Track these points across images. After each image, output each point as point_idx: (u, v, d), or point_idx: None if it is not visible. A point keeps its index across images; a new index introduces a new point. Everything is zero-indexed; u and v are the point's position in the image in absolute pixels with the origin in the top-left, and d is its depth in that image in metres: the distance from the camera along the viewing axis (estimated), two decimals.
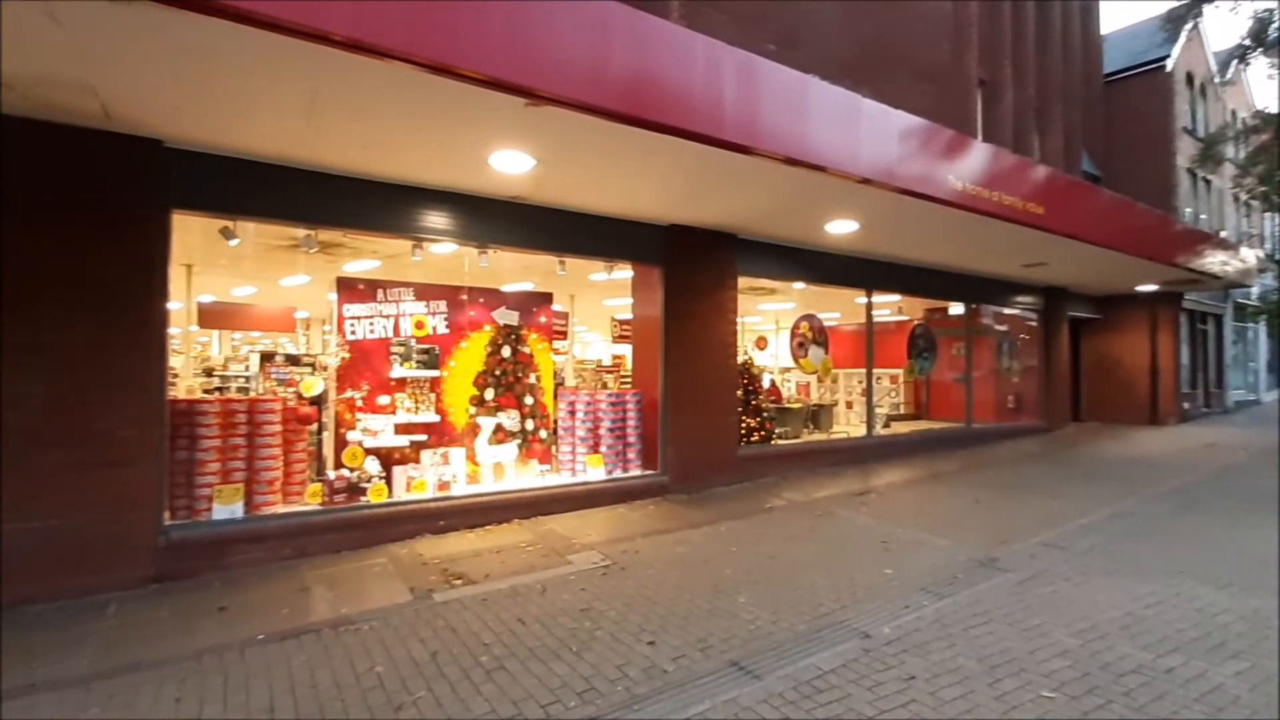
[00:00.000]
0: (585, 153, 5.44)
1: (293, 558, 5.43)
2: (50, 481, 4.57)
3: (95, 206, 4.78)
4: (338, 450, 6.28)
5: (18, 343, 4.52)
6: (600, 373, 15.86)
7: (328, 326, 15.80)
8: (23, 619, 4.28)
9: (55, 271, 4.64)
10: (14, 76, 3.97)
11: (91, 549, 4.66)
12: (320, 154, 5.37)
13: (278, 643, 3.93)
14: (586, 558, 5.52)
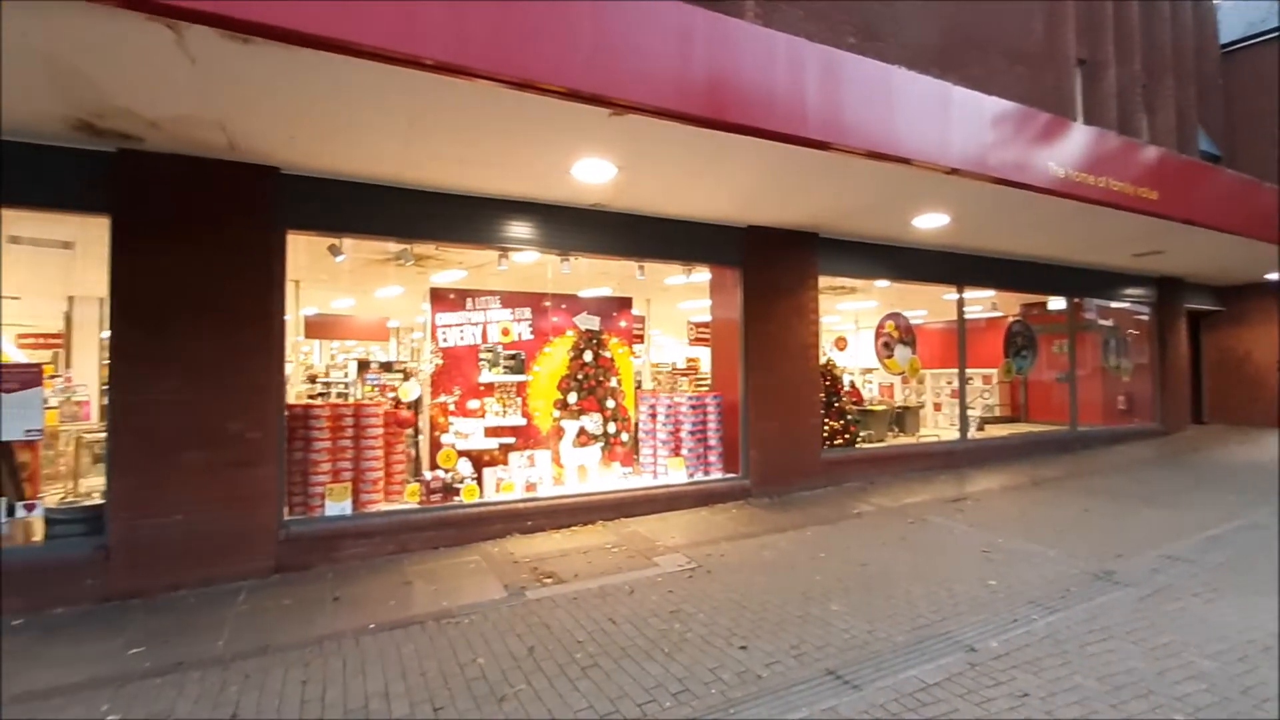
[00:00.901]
0: (666, 158, 5.50)
1: (395, 553, 5.75)
2: (190, 480, 5.05)
3: (223, 230, 5.27)
4: (433, 452, 6.62)
5: (159, 354, 5.04)
6: (675, 375, 15.89)
7: (416, 334, 16.69)
8: (171, 604, 4.76)
9: (191, 289, 5.14)
10: (160, 118, 4.44)
11: (224, 542, 5.13)
12: (416, 173, 5.69)
13: (387, 632, 4.18)
14: (672, 560, 5.55)
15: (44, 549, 4.91)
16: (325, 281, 10.24)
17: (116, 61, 3.71)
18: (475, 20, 3.87)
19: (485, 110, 4.49)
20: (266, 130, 4.77)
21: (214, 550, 5.09)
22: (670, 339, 20.72)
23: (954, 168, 5.98)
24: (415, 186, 5.97)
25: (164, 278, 5.07)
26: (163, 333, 5.03)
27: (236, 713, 3.25)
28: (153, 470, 4.97)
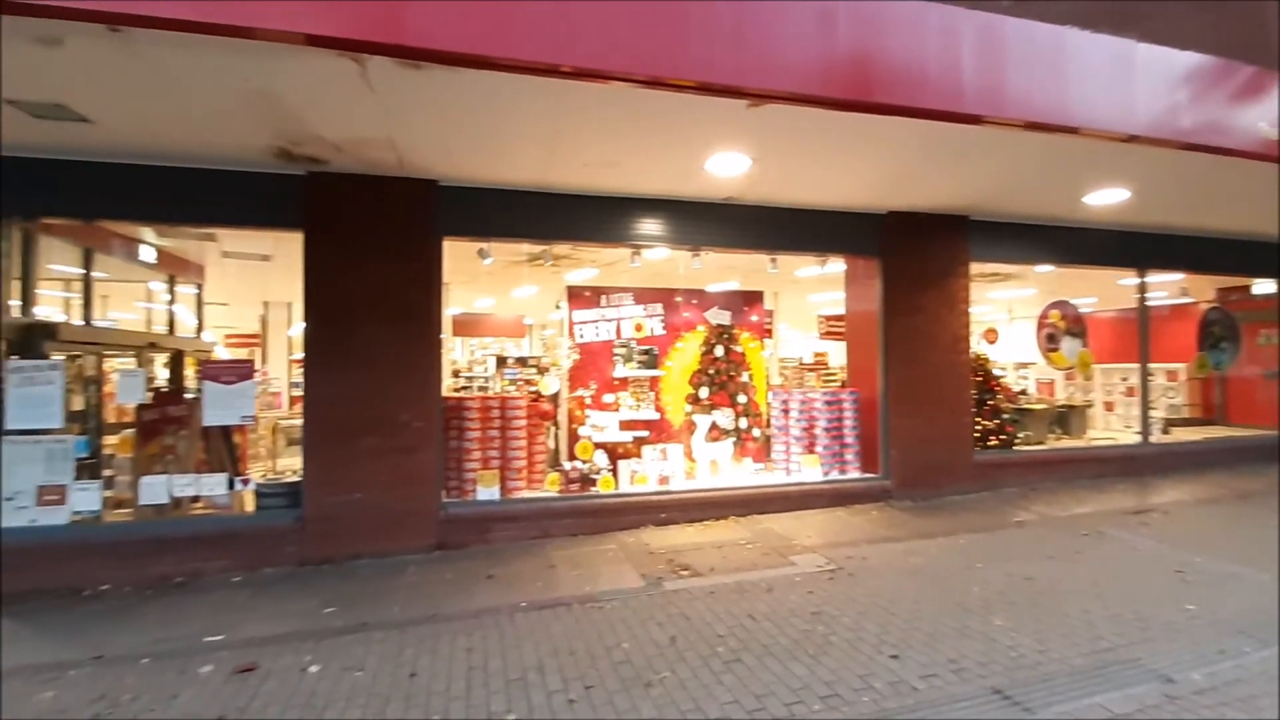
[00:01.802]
0: (802, 145, 5.34)
1: (538, 537, 6.10)
2: (366, 464, 5.68)
3: (392, 238, 5.85)
4: (571, 444, 6.93)
5: (342, 352, 5.70)
6: (802, 370, 15.42)
7: (548, 330, 17.59)
8: (353, 571, 5.38)
9: (366, 293, 5.76)
10: (343, 141, 5.01)
11: (395, 519, 5.71)
12: (556, 177, 5.97)
13: (537, 611, 4.44)
14: (809, 560, 5.40)
15: (255, 518, 5.74)
16: (467, 283, 11.08)
17: (312, 94, 4.24)
18: (616, 22, 3.97)
19: (623, 113, 4.61)
20: (428, 146, 5.22)
21: (386, 526, 5.68)
22: (796, 333, 20.15)
23: (1132, 135, 5.26)
24: (555, 190, 6.26)
25: (345, 283, 5.73)
26: (345, 332, 5.69)
27: (414, 671, 3.61)
28: (337, 454, 5.64)
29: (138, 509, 5.67)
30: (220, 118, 4.59)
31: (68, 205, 5.50)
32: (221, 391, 5.59)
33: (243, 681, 3.56)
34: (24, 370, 5.24)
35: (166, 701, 3.35)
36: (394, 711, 3.21)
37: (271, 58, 3.72)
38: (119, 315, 10.93)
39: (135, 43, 3.54)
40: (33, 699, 3.42)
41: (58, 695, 3.45)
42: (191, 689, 3.48)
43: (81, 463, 5.46)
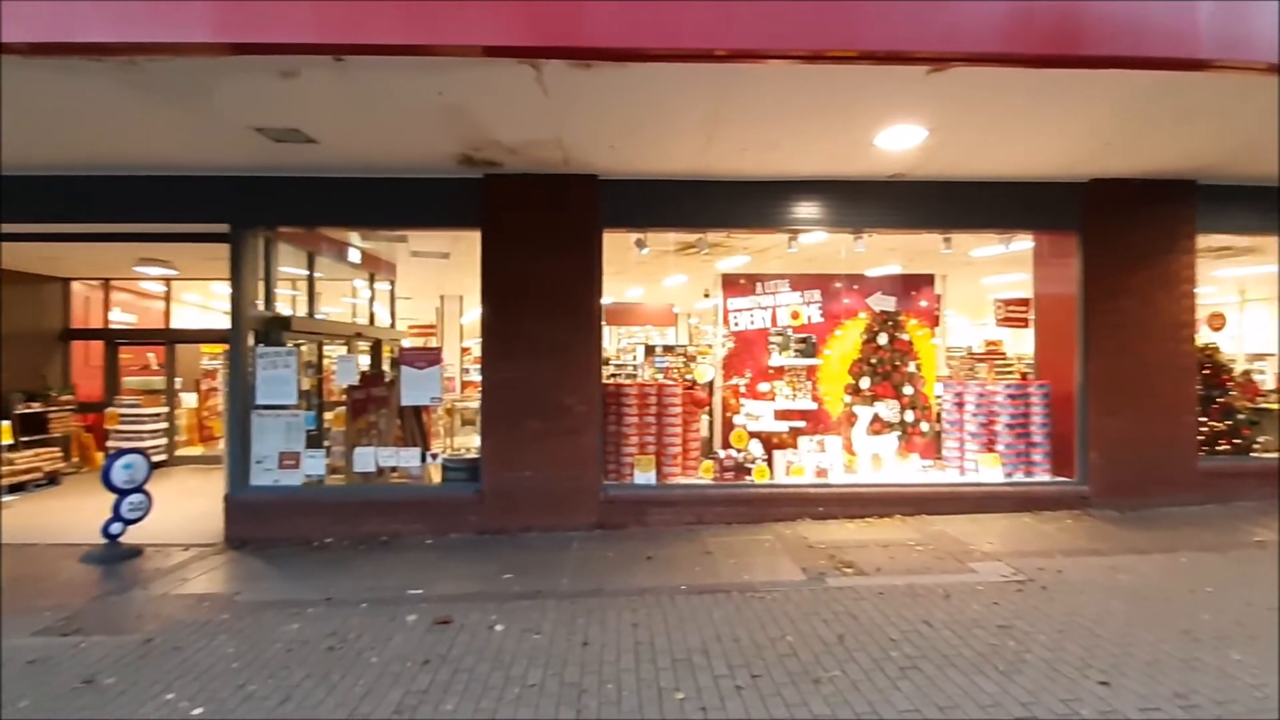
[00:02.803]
0: (989, 111, 4.83)
1: (693, 523, 6.18)
2: (534, 444, 6.09)
3: (558, 232, 6.18)
4: (725, 432, 6.92)
5: (514, 339, 6.14)
6: (972, 360, 14.12)
7: (693, 319, 17.69)
8: (525, 542, 5.82)
9: (536, 284, 6.15)
10: (517, 144, 5.37)
11: (560, 497, 6.08)
12: (713, 164, 5.93)
13: (698, 595, 4.51)
14: (992, 569, 4.94)
15: (442, 489, 6.41)
16: (618, 273, 11.42)
17: (494, 102, 4.58)
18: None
19: (784, 92, 4.46)
20: (592, 143, 5.43)
21: (553, 503, 6.07)
22: (962, 320, 18.45)
23: None
24: (712, 178, 6.24)
25: (517, 276, 6.16)
26: (516, 322, 6.13)
27: (586, 639, 3.83)
28: (510, 434, 6.11)
29: (349, 475, 6.58)
30: (415, 131, 5.12)
31: (297, 216, 6.47)
32: (415, 375, 6.29)
33: (441, 632, 3.99)
34: (268, 356, 6.27)
35: (383, 643, 3.85)
36: (571, 675, 3.42)
37: (461, 71, 4.06)
38: (328, 310, 12.72)
39: (352, 69, 4.03)
40: (281, 628, 4.09)
41: (301, 628, 4.10)
42: (401, 634, 3.97)
43: (309, 434, 6.43)
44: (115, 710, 3.14)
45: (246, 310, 6.23)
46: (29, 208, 6.04)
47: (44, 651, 3.79)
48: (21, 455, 8.15)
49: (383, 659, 3.64)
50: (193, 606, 4.53)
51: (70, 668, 3.59)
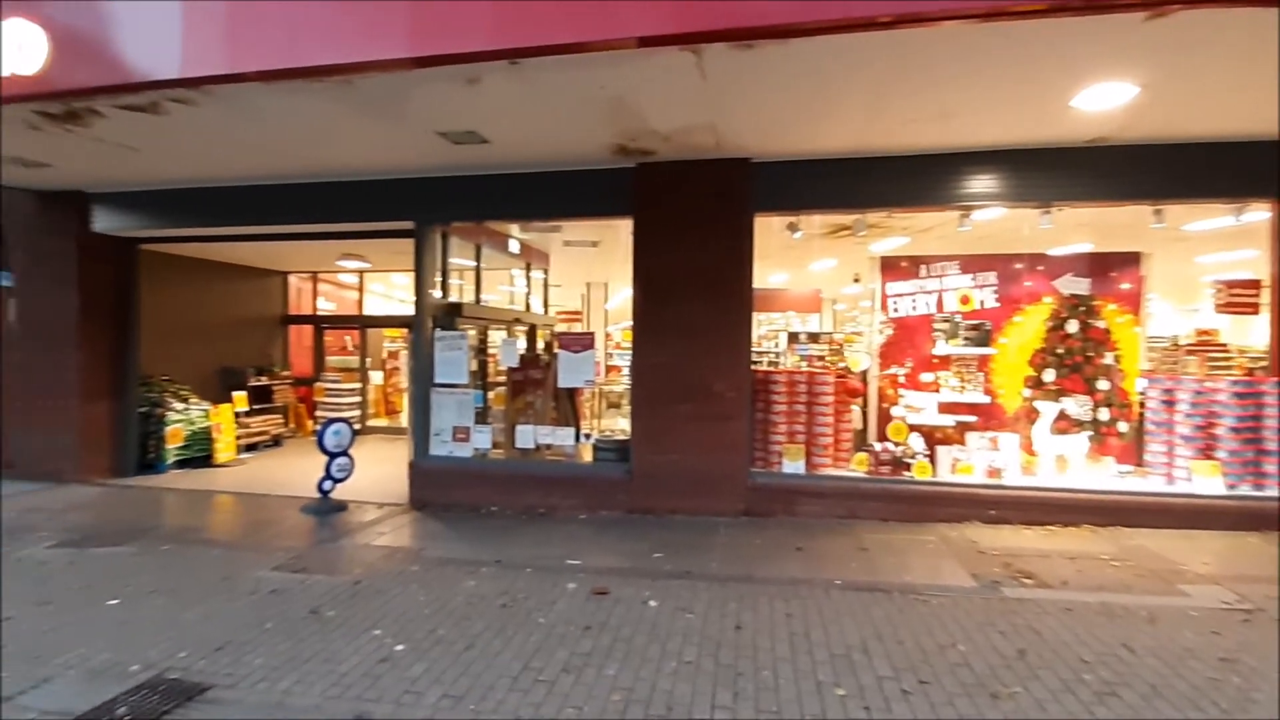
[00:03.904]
0: (1219, 57, 4.07)
1: (845, 517, 5.94)
2: (683, 428, 6.18)
3: (708, 218, 6.18)
4: (880, 424, 6.56)
5: (664, 325, 6.25)
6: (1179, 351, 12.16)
7: (840, 305, 16.87)
8: (672, 524, 5.94)
9: (686, 270, 6.20)
10: (671, 131, 5.43)
11: (706, 482, 6.13)
12: (875, 140, 5.59)
13: (854, 592, 4.34)
14: (1209, 593, 4.25)
15: (594, 467, 6.72)
16: (764, 258, 11.15)
17: (652, 91, 4.66)
18: None
19: (963, 56, 4.07)
20: (746, 126, 5.35)
21: (700, 487, 6.13)
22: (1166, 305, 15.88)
23: None
24: (873, 154, 5.89)
25: (668, 262, 6.25)
26: (667, 307, 6.24)
27: (739, 624, 3.84)
28: (659, 417, 6.25)
29: (510, 450, 7.12)
30: (576, 125, 5.35)
31: (469, 211, 7.04)
32: (571, 359, 6.64)
33: (599, 602, 4.20)
34: (444, 339, 6.93)
35: (548, 606, 4.14)
36: (725, 658, 3.46)
37: (624, 64, 4.17)
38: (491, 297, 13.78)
39: (525, 71, 4.29)
40: (461, 583, 4.54)
41: (477, 585, 4.52)
42: (563, 600, 4.24)
43: (477, 411, 7.04)
44: (337, 637, 3.68)
45: (427, 298, 6.92)
46: (258, 213, 7.17)
47: (280, 584, 4.52)
48: (254, 420, 9.75)
49: (549, 620, 3.92)
50: (388, 557, 5.16)
51: (300, 599, 4.26)
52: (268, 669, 3.34)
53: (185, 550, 5.31)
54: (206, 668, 3.35)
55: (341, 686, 3.18)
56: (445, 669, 3.35)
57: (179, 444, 8.35)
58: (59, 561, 4.99)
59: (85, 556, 5.11)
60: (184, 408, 8.55)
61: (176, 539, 5.62)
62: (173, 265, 8.97)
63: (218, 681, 3.22)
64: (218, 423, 8.76)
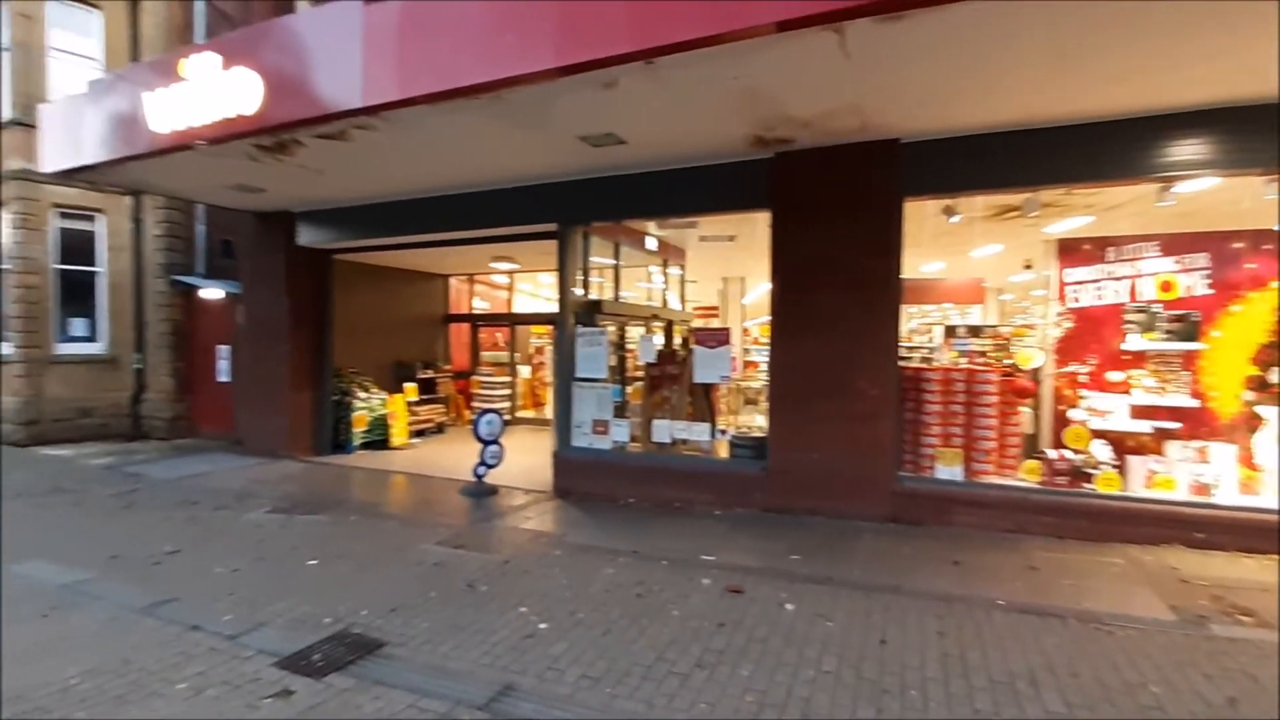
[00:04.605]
0: None
1: (1010, 530, 5.36)
2: (822, 426, 5.93)
3: (851, 206, 5.85)
4: (1056, 428, 5.82)
5: (804, 319, 6.02)
6: None
7: (1007, 295, 15.20)
8: (809, 525, 5.73)
9: (827, 262, 5.93)
10: (812, 117, 5.21)
11: (848, 483, 5.83)
12: (1052, 108, 4.96)
13: (1019, 614, 3.90)
14: None
15: (729, 464, 6.66)
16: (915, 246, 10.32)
17: (791, 77, 4.50)
18: None
19: None
20: (896, 104, 4.99)
21: (841, 488, 5.84)
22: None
23: None
24: (1048, 124, 5.23)
25: (807, 254, 6.02)
26: (806, 301, 6.01)
27: (884, 637, 3.61)
28: (798, 415, 6.04)
29: (646, 444, 7.26)
30: (711, 119, 5.31)
31: (608, 211, 7.25)
32: (707, 354, 6.63)
33: (733, 600, 4.16)
34: (585, 335, 7.22)
35: (682, 600, 4.17)
36: (869, 671, 3.27)
37: (758, 52, 4.06)
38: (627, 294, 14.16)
39: (660, 69, 4.33)
40: (599, 570, 4.71)
41: (614, 573, 4.67)
42: (697, 595, 4.25)
43: (616, 405, 7.25)
44: (489, 610, 3.98)
45: (569, 296, 7.25)
46: (424, 223, 7.94)
47: (442, 558, 4.99)
48: (422, 409, 10.83)
49: (683, 614, 3.95)
50: (534, 540, 5.50)
51: (459, 573, 4.66)
52: (431, 633, 3.70)
53: (367, 521, 6.03)
54: (383, 626, 3.78)
55: (492, 656, 3.44)
56: (584, 650, 3.49)
57: (363, 428, 9.51)
58: (273, 525, 5.90)
59: (292, 522, 5.99)
60: (366, 397, 9.72)
61: (361, 511, 6.40)
62: (358, 272, 10.20)
63: (391, 639, 3.62)
64: (393, 410, 9.86)
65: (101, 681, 3.17)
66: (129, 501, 6.75)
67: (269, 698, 3.05)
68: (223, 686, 3.14)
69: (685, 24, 3.82)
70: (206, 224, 11.17)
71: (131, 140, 6.24)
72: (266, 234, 9.13)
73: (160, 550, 5.13)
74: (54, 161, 7.04)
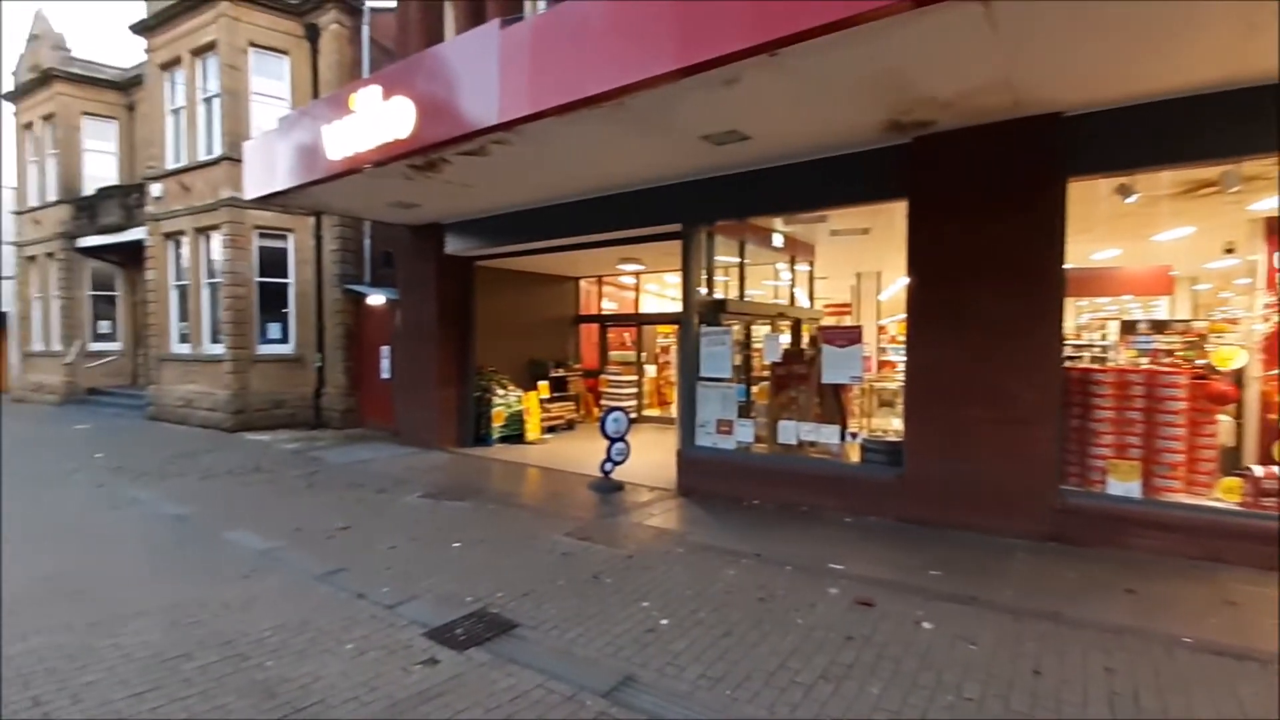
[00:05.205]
0: None
1: (1199, 558, 4.61)
2: (968, 433, 5.45)
3: (1002, 189, 5.32)
4: (1263, 440, 4.92)
5: (946, 317, 5.57)
6: None
7: (1202, 285, 13.04)
8: (951, 539, 5.30)
9: (972, 252, 5.44)
10: (954, 96, 4.81)
11: (998, 496, 5.31)
12: (1256, 61, 4.18)
13: (1210, 655, 3.35)
14: None
15: (860, 469, 6.32)
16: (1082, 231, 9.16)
17: (930, 56, 4.19)
18: None
19: None
20: (1053, 75, 4.47)
21: (990, 502, 5.34)
22: None
23: None
24: (1253, 83, 4.42)
25: (950, 245, 5.57)
26: (949, 296, 5.56)
27: (1038, 668, 3.25)
28: (939, 419, 5.61)
29: (771, 445, 7.09)
30: (841, 107, 5.08)
31: (732, 209, 7.17)
32: (836, 354, 6.35)
33: (862, 613, 3.95)
34: (709, 334, 7.21)
35: (807, 608, 4.03)
36: (1019, 703, 2.97)
37: (893, 32, 3.82)
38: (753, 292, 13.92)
39: (784, 60, 4.21)
40: (720, 572, 4.68)
41: (736, 575, 4.62)
42: (823, 604, 4.09)
43: (740, 405, 7.16)
44: (613, 602, 4.11)
45: (694, 295, 7.27)
46: (555, 228, 8.34)
47: (570, 549, 5.21)
48: (554, 406, 11.39)
49: (807, 623, 3.82)
50: (657, 537, 5.58)
51: (585, 564, 4.85)
52: (559, 619, 3.89)
53: (504, 510, 6.46)
54: (516, 609, 4.03)
55: (615, 646, 3.54)
56: (704, 650, 3.49)
57: (501, 423, 10.18)
58: (424, 509, 6.49)
59: (440, 507, 6.55)
60: (504, 393, 10.39)
61: (498, 500, 6.86)
62: (497, 277, 10.94)
63: (523, 621, 3.85)
64: (527, 407, 10.46)
65: (287, 636, 3.67)
66: (311, 482, 7.75)
67: (419, 664, 3.36)
68: (381, 650, 3.52)
69: (810, 11, 3.69)
70: (371, 238, 12.55)
71: (313, 167, 7.17)
72: (419, 245, 10.06)
73: (333, 525, 5.84)
74: (254, 189, 8.24)
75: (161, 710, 2.94)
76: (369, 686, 3.15)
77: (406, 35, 9.68)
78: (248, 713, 2.92)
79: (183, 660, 3.38)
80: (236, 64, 11.75)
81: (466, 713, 2.92)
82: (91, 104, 16.41)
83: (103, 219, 15.23)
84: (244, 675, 3.25)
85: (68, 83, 16.03)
